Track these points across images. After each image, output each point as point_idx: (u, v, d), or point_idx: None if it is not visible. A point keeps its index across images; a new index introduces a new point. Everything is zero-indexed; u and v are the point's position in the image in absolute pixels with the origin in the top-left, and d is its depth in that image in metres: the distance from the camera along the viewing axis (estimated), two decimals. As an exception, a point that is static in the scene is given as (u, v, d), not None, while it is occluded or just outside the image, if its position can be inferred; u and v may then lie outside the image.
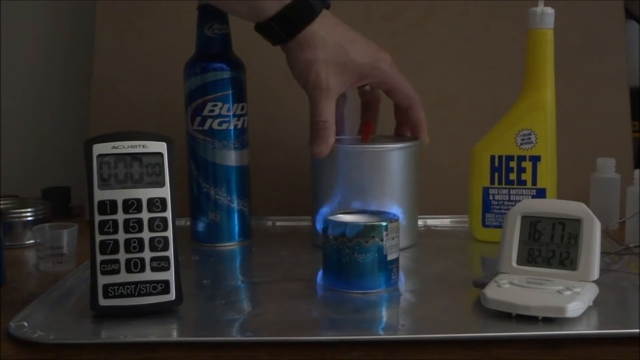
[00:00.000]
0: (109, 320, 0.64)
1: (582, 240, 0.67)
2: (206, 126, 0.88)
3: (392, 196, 0.84)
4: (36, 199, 1.02)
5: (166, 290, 0.65)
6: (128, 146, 0.65)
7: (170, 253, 0.65)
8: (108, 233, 0.64)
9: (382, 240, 0.71)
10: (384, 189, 0.84)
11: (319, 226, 0.82)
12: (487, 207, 0.90)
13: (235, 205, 0.91)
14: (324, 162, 0.83)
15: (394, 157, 0.85)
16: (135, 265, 0.64)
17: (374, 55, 0.83)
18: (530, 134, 0.87)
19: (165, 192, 0.66)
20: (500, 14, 1.07)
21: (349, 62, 0.81)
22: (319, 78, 0.79)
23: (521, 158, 0.88)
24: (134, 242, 0.64)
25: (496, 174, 0.89)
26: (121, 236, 0.64)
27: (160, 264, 0.65)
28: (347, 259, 0.71)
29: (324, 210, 0.83)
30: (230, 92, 0.89)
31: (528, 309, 0.63)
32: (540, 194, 0.88)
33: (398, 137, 0.91)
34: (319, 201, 0.85)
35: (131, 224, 0.64)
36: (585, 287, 0.65)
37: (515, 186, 0.88)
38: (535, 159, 0.88)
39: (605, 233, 0.80)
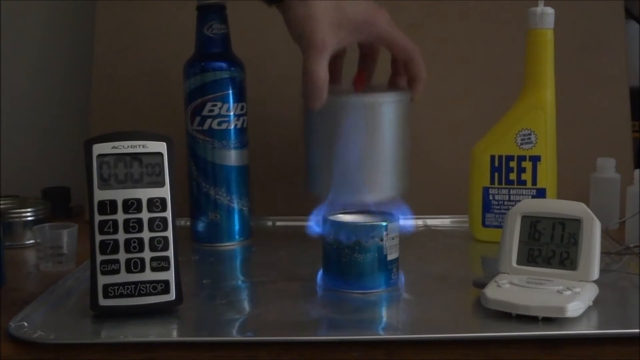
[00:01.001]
0: (109, 320, 0.64)
1: (582, 240, 0.67)
2: (206, 126, 0.88)
3: (382, 144, 0.82)
4: (36, 199, 1.02)
5: (166, 290, 0.65)
6: (128, 146, 0.65)
7: (170, 253, 0.65)
8: (108, 233, 0.64)
9: (382, 240, 0.71)
10: (373, 137, 0.82)
11: (313, 189, 0.82)
12: (487, 207, 0.90)
13: (235, 205, 0.91)
14: (315, 114, 0.81)
15: (385, 108, 0.83)
16: (135, 265, 0.64)
17: (370, 13, 0.82)
18: (530, 134, 0.87)
19: (165, 192, 0.66)
20: (500, 14, 1.07)
21: (344, 19, 0.80)
22: (314, 34, 0.79)
23: (521, 158, 0.88)
24: (134, 242, 0.64)
25: (496, 174, 0.89)
26: (121, 236, 0.64)
27: (160, 264, 0.65)
28: (347, 259, 0.71)
29: (315, 164, 0.81)
30: (229, 91, 0.89)
31: (528, 309, 0.63)
32: (540, 194, 0.88)
33: (392, 87, 0.88)
34: (310, 154, 0.84)
35: (131, 224, 0.65)
36: (585, 287, 0.65)
37: (515, 186, 0.88)
38: (535, 159, 0.88)
39: (605, 233, 0.79)
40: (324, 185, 0.80)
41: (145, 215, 0.65)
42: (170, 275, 0.65)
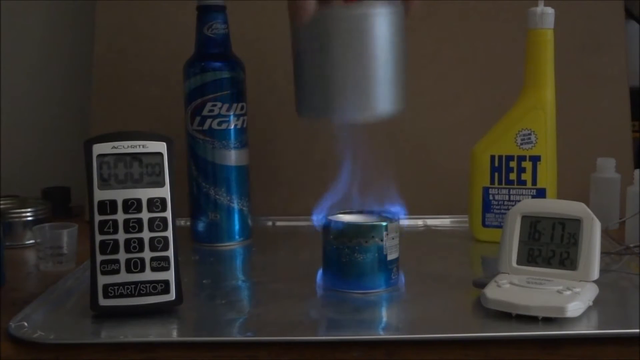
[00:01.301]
0: (109, 320, 0.64)
1: (582, 240, 0.67)
2: (206, 126, 0.88)
3: (375, 58, 0.76)
4: (36, 199, 1.02)
5: (166, 290, 0.65)
6: (128, 146, 0.65)
7: (170, 253, 0.65)
8: (108, 233, 0.64)
9: (382, 240, 0.71)
10: (366, 52, 0.76)
11: (305, 112, 0.77)
12: (487, 207, 0.90)
13: (235, 205, 0.91)
14: (303, 31, 0.76)
15: (377, 19, 0.77)
16: (135, 265, 0.64)
17: None
18: (530, 134, 0.87)
19: (165, 192, 0.66)
20: (500, 14, 1.07)
21: None
22: None
23: (521, 158, 0.88)
24: (134, 242, 0.64)
25: (496, 174, 0.89)
26: (121, 236, 0.64)
27: (160, 264, 0.65)
28: (347, 259, 0.71)
29: (306, 84, 0.77)
30: (229, 91, 0.89)
31: (528, 309, 0.63)
32: (540, 194, 0.88)
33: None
34: (299, 75, 0.79)
35: (131, 224, 0.64)
36: (585, 287, 0.65)
37: (515, 186, 0.88)
38: (535, 159, 0.88)
39: (605, 233, 0.80)
40: (316, 106, 0.76)
41: (145, 215, 0.65)
42: (170, 275, 0.65)
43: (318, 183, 0.80)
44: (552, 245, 0.69)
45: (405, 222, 0.83)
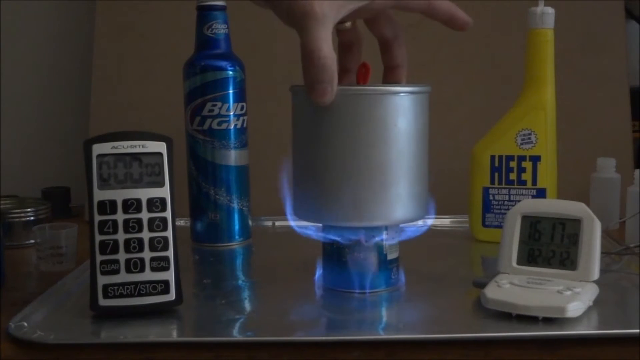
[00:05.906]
0: (109, 320, 0.64)
1: (582, 240, 0.67)
2: (205, 126, 0.88)
3: (397, 153, 0.68)
4: (36, 199, 1.02)
5: (166, 290, 0.65)
6: (127, 146, 0.65)
7: (170, 253, 0.65)
8: (108, 233, 0.64)
9: (382, 240, 0.71)
10: (387, 143, 0.67)
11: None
12: (487, 207, 0.90)
13: (235, 205, 0.91)
14: (312, 112, 0.69)
15: (403, 102, 0.69)
16: (135, 265, 0.64)
17: None
18: (530, 134, 0.87)
19: (164, 192, 0.66)
20: (500, 13, 1.07)
21: None
22: (311, 5, 0.62)
23: (521, 158, 0.88)
24: (134, 242, 0.64)
25: (496, 174, 0.89)
26: (121, 236, 0.64)
27: (160, 264, 0.65)
28: (347, 259, 0.71)
29: (301, 190, 0.71)
30: (229, 91, 0.89)
31: (528, 309, 0.63)
32: (540, 194, 0.88)
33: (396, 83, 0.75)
34: (299, 168, 0.72)
35: (131, 224, 0.64)
36: (585, 287, 0.65)
37: (515, 186, 0.88)
38: (535, 159, 0.88)
39: (605, 233, 0.79)
40: (336, 211, 0.68)
41: (145, 215, 0.65)
42: (170, 275, 0.65)
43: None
44: (552, 245, 0.69)
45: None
